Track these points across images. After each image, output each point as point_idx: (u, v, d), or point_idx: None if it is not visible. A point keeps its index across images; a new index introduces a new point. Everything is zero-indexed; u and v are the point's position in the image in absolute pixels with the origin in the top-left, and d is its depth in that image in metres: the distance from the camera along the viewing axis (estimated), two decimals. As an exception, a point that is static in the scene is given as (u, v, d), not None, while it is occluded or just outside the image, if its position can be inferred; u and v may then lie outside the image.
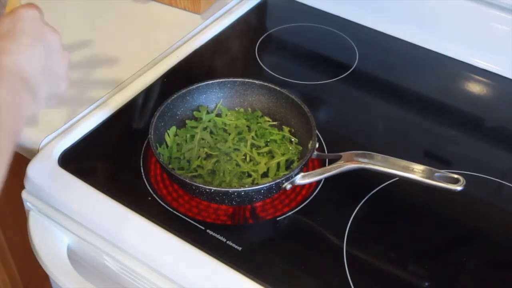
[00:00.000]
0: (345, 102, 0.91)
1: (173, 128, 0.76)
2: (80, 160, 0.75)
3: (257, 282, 0.62)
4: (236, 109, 0.81)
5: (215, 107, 0.80)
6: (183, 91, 0.78)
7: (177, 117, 0.78)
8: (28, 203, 0.75)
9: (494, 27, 0.94)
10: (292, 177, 0.68)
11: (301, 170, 0.69)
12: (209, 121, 0.78)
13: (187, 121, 0.78)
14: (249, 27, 1.04)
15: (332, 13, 1.06)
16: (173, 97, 0.76)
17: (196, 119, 0.79)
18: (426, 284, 0.65)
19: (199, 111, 0.79)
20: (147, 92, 0.86)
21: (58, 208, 0.72)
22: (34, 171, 0.73)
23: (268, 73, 0.92)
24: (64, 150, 0.76)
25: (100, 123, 0.80)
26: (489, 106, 0.92)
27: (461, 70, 0.96)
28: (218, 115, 0.80)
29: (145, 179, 0.73)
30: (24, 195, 0.75)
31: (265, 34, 1.01)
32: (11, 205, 0.95)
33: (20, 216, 0.79)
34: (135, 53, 0.93)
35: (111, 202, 0.69)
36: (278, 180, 0.66)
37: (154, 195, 0.71)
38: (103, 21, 1.01)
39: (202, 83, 0.79)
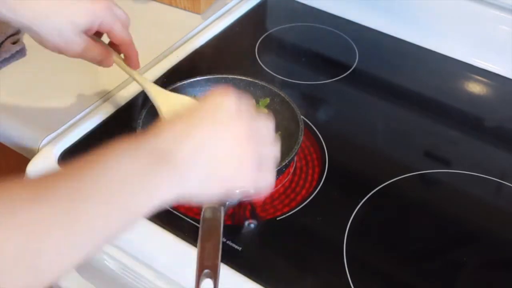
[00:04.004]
0: (345, 102, 0.91)
1: None
2: (80, 160, 0.75)
3: (257, 282, 0.62)
4: None
5: None
6: (174, 86, 0.78)
7: None
8: (28, 203, 0.75)
9: (494, 27, 0.94)
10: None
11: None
12: None
13: None
14: (249, 27, 1.04)
15: (332, 13, 1.06)
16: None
17: None
18: (426, 284, 0.65)
19: None
20: (147, 92, 0.86)
21: (58, 208, 0.72)
22: (34, 171, 0.73)
23: (268, 73, 0.92)
24: (64, 150, 0.76)
25: (100, 123, 0.80)
26: (489, 106, 0.92)
27: (461, 70, 0.96)
28: None
29: (145, 179, 0.73)
30: (24, 195, 0.75)
31: (265, 34, 1.01)
32: (11, 205, 0.95)
33: (20, 216, 0.79)
34: (135, 53, 0.92)
35: (111, 202, 0.69)
36: None
37: (154, 195, 0.71)
38: (103, 21, 1.01)
39: (189, 80, 0.79)
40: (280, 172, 0.70)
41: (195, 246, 0.64)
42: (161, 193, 0.45)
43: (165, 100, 0.74)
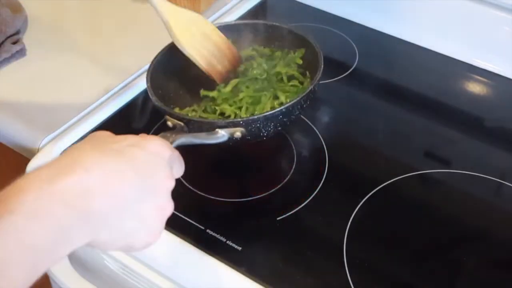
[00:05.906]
0: (345, 102, 0.91)
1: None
2: (80, 160, 0.75)
3: (257, 282, 0.62)
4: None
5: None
6: None
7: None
8: (28, 203, 0.75)
9: (494, 27, 0.94)
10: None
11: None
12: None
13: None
14: (249, 27, 1.03)
15: (332, 13, 1.06)
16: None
17: None
18: (426, 284, 0.65)
19: None
20: (148, 92, 0.85)
21: (58, 208, 0.71)
22: (34, 171, 0.73)
23: (268, 73, 0.92)
24: (64, 150, 0.76)
25: (100, 123, 0.80)
26: (489, 106, 0.92)
27: (461, 70, 0.96)
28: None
29: (145, 179, 0.73)
30: (24, 195, 0.74)
31: (265, 34, 1.01)
32: (11, 205, 0.95)
33: (20, 216, 0.79)
34: (135, 53, 0.92)
35: (111, 202, 0.69)
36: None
37: (154, 195, 0.71)
38: (103, 21, 1.01)
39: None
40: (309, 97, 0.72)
41: (196, 246, 0.65)
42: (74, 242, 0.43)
43: (174, 16, 0.74)
